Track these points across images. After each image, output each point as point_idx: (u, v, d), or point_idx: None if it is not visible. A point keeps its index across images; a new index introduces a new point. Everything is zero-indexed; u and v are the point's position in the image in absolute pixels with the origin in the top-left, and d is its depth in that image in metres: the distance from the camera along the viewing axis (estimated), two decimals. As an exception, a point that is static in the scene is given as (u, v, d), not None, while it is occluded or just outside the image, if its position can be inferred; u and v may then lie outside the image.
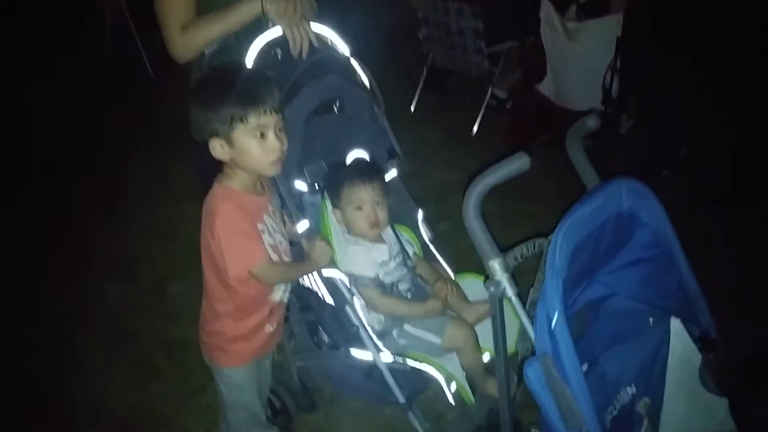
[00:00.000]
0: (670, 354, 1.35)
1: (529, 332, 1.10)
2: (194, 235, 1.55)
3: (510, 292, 1.10)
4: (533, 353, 1.10)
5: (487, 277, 1.13)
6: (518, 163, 1.06)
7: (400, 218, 1.95)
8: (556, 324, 1.03)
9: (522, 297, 1.19)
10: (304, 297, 1.82)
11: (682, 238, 2.93)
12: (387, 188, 1.81)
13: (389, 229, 1.83)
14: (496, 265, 1.09)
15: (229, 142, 1.40)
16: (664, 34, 3.23)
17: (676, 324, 1.35)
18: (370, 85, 1.88)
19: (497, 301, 1.11)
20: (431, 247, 1.97)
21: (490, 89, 4.27)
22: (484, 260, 1.10)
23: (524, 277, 1.30)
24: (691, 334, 1.33)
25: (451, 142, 4.23)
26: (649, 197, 1.31)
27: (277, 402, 2.05)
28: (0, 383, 2.32)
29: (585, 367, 1.33)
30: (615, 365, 1.32)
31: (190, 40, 1.68)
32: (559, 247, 1.05)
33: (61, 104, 4.76)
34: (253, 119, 1.37)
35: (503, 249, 1.19)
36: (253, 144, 1.40)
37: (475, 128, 4.26)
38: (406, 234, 1.96)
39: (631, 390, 1.32)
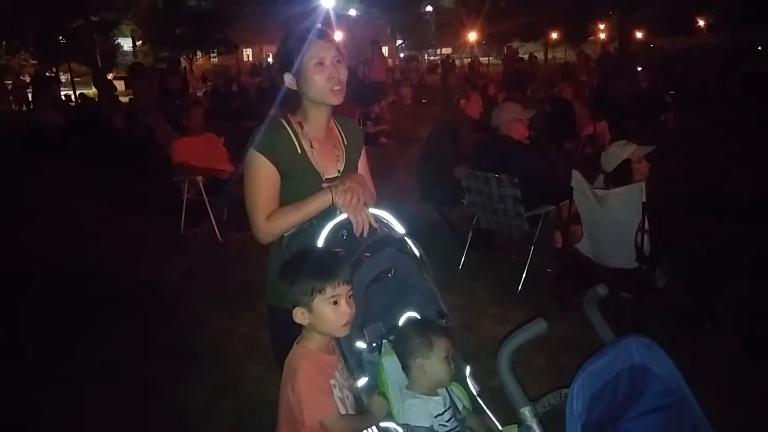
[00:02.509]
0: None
1: (557, 470, 1.30)
2: (255, 392, 1.80)
3: (540, 435, 1.32)
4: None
5: (520, 423, 1.35)
6: (537, 328, 1.33)
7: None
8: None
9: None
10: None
11: (728, 389, 3.06)
12: None
13: None
14: (526, 412, 1.31)
15: (309, 309, 1.72)
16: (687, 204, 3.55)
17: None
18: (420, 255, 2.22)
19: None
20: (479, 400, 2.17)
21: (532, 249, 4.58)
22: (516, 408, 1.33)
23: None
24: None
25: (499, 297, 4.47)
26: (657, 350, 1.53)
27: None
28: None
29: None
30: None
31: (274, 226, 2.06)
32: (575, 397, 1.28)
33: (137, 265, 5.34)
34: (329, 290, 1.71)
35: (535, 398, 1.42)
36: (329, 311, 1.72)
37: (521, 285, 4.52)
38: (455, 388, 2.17)
39: None
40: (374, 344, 2.07)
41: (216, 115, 8.86)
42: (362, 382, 1.91)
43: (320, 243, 1.96)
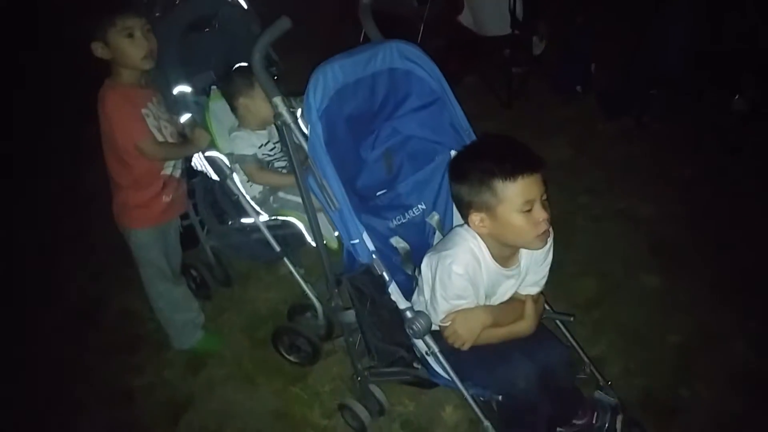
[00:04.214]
0: (451, 178, 1.74)
1: (305, 147, 1.49)
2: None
3: (289, 120, 1.49)
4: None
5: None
6: (281, 24, 1.44)
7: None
8: (310, 132, 1.43)
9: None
10: (209, 188, 2.25)
11: (587, 139, 3.40)
12: None
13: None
14: (278, 101, 1.47)
15: (107, 44, 1.80)
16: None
17: (455, 155, 1.73)
18: (247, 6, 2.27)
19: (283, 128, 1.50)
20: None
21: (422, 26, 4.59)
22: (269, 98, 1.48)
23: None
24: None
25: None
26: (420, 55, 1.67)
27: (198, 277, 2.50)
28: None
29: (385, 191, 1.74)
30: (408, 189, 1.74)
31: None
32: (313, 87, 1.43)
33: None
34: (119, 22, 1.78)
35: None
36: (126, 43, 1.80)
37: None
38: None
39: (421, 206, 1.73)
40: (203, 88, 2.20)
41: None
42: (185, 117, 2.06)
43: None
